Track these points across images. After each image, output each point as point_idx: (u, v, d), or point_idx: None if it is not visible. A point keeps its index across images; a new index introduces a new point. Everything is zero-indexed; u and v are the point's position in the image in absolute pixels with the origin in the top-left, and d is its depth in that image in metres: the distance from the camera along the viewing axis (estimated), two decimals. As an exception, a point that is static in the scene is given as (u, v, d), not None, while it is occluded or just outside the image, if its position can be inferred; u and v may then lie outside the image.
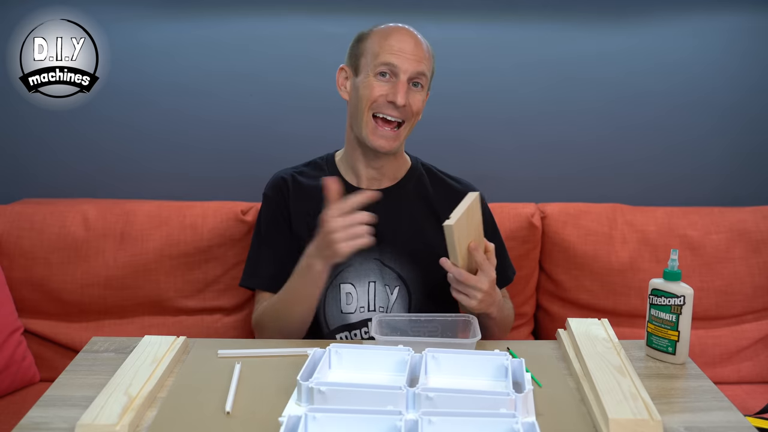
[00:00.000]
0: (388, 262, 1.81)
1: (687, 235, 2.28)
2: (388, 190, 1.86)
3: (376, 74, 1.74)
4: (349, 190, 1.84)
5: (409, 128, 1.79)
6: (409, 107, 1.74)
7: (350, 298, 1.82)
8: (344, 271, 1.81)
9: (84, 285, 2.20)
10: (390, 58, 1.73)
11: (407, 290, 1.81)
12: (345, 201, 1.55)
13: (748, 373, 2.28)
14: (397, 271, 1.81)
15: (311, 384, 1.29)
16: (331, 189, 1.57)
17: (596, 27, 2.43)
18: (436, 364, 1.43)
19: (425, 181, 1.90)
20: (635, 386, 1.36)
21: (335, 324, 1.83)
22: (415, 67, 1.73)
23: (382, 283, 1.82)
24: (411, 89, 1.75)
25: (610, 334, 1.61)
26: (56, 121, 2.41)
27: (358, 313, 1.82)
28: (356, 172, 1.86)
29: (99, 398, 1.30)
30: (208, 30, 2.40)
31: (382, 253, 1.81)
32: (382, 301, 1.82)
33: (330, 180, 1.59)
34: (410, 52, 1.73)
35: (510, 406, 1.25)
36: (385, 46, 1.74)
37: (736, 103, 2.49)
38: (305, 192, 1.87)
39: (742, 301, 2.29)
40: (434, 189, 1.89)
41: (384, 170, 1.86)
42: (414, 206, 1.86)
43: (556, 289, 2.31)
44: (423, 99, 1.78)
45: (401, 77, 1.73)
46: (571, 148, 2.50)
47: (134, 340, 1.59)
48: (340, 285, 1.82)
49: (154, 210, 2.26)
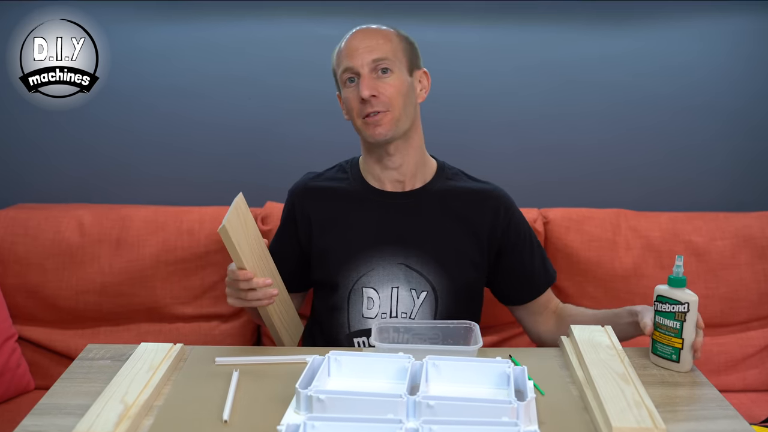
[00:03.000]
0: (415, 266, 1.80)
1: (692, 241, 2.27)
2: (413, 192, 1.85)
3: (345, 83, 1.77)
4: (374, 194, 1.85)
5: (400, 111, 1.76)
6: (381, 95, 1.73)
7: (371, 303, 1.80)
8: (366, 275, 1.80)
9: (79, 291, 2.19)
10: (346, 62, 1.75)
11: (435, 295, 1.79)
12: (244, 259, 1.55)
13: (754, 380, 2.27)
14: (425, 275, 1.79)
15: (310, 392, 1.28)
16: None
17: (599, 30, 2.43)
18: (436, 371, 1.42)
19: (452, 184, 1.88)
20: (639, 394, 1.35)
21: (356, 327, 1.82)
22: (369, 57, 1.73)
23: (407, 287, 1.80)
24: (380, 77, 1.74)
25: (613, 341, 1.60)
26: (51, 124, 2.41)
27: (379, 318, 1.80)
28: (376, 176, 1.85)
29: (94, 406, 1.30)
30: (205, 32, 2.40)
31: (408, 257, 1.80)
32: (405, 307, 1.80)
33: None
34: (362, 46, 1.74)
35: (512, 415, 1.24)
36: (342, 54, 1.77)
37: (741, 107, 2.48)
38: (324, 196, 1.87)
39: (747, 308, 2.27)
40: (462, 192, 1.87)
41: (404, 170, 1.83)
42: (440, 209, 1.84)
43: (558, 295, 2.27)
44: (399, 82, 1.75)
45: (362, 72, 1.73)
46: (573, 152, 2.50)
47: (130, 348, 1.58)
48: (363, 289, 1.80)
49: (151, 215, 2.25)
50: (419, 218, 1.82)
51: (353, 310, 1.81)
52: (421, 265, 1.79)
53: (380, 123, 1.74)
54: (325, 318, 1.86)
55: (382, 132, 1.75)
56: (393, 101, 1.74)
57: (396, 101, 1.74)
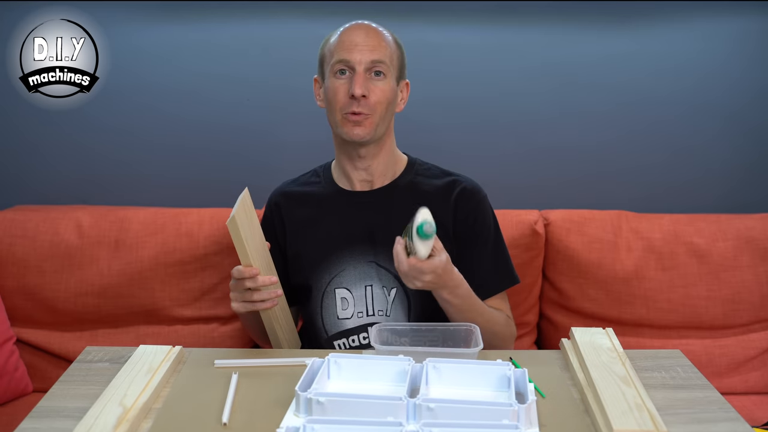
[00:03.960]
0: (384, 263, 1.79)
1: (693, 243, 2.26)
2: (380, 190, 1.85)
3: (336, 73, 1.76)
4: (343, 195, 1.85)
5: (380, 117, 1.76)
6: (371, 97, 1.73)
7: (346, 304, 1.80)
8: (338, 276, 1.80)
9: (78, 293, 2.18)
10: (343, 54, 1.74)
11: (405, 291, 1.78)
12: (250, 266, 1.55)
13: (756, 383, 2.26)
14: (393, 271, 1.77)
15: (310, 394, 1.28)
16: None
17: (601, 31, 2.42)
18: (437, 374, 1.42)
19: (421, 179, 1.87)
20: (640, 397, 1.35)
21: (333, 330, 1.81)
22: (369, 56, 1.73)
23: (379, 285, 1.79)
24: (372, 79, 1.74)
25: (614, 343, 1.59)
26: (49, 126, 2.41)
27: (356, 318, 1.80)
28: (347, 175, 1.86)
29: (93, 409, 1.30)
30: (205, 33, 2.39)
31: (377, 255, 1.79)
32: (380, 305, 1.79)
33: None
34: (363, 43, 1.74)
35: (512, 417, 1.24)
36: (339, 44, 1.76)
37: (743, 107, 2.47)
38: (297, 200, 1.88)
39: (749, 310, 2.26)
40: (431, 186, 1.86)
41: (372, 170, 1.83)
42: (408, 204, 1.81)
43: (559, 297, 2.29)
44: (388, 88, 1.76)
45: (357, 69, 1.73)
46: (574, 154, 2.49)
47: (129, 350, 1.58)
48: (335, 290, 1.80)
49: (150, 217, 2.24)
50: (387, 215, 1.80)
51: (327, 313, 1.81)
52: (389, 262, 1.75)
53: (361, 124, 1.74)
54: (307, 325, 1.88)
55: (360, 134, 1.74)
56: (378, 107, 1.74)
57: (380, 107, 1.74)
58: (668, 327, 2.25)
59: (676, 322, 2.24)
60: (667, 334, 2.25)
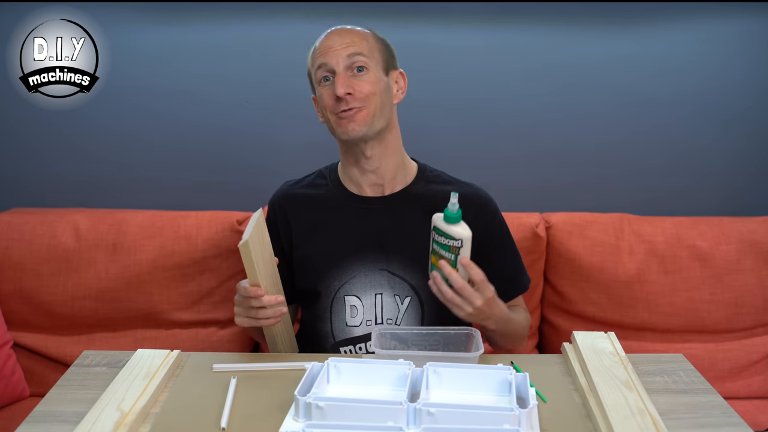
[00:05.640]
0: (397, 271, 1.78)
1: (696, 246, 2.26)
2: (392, 196, 1.83)
3: (320, 82, 1.76)
4: (353, 199, 1.83)
5: (376, 108, 1.74)
6: (357, 93, 1.71)
7: (355, 311, 1.79)
8: (348, 283, 1.79)
9: (75, 297, 2.18)
10: (320, 60, 1.74)
11: (419, 300, 1.77)
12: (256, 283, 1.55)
13: (759, 387, 2.26)
14: (408, 280, 1.77)
15: (309, 399, 1.27)
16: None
17: (602, 33, 2.42)
18: (437, 378, 1.41)
19: (433, 187, 1.86)
20: (643, 401, 1.35)
21: (341, 337, 1.80)
22: (344, 52, 1.72)
23: (391, 293, 1.78)
24: (355, 75, 1.73)
25: (616, 347, 1.59)
26: (48, 127, 2.41)
27: (364, 326, 1.78)
28: (356, 181, 1.83)
29: (90, 414, 1.30)
30: (205, 34, 2.39)
31: (390, 263, 1.78)
32: (390, 313, 1.78)
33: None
34: (337, 44, 1.74)
35: (514, 422, 1.23)
36: (316, 52, 1.76)
37: (745, 110, 2.47)
38: (304, 203, 1.86)
39: (752, 314, 2.26)
40: (443, 194, 1.85)
41: (382, 173, 1.81)
42: (421, 212, 1.81)
43: (561, 301, 2.29)
44: (375, 80, 1.74)
45: (338, 70, 1.72)
46: (576, 156, 2.49)
47: (127, 354, 1.58)
48: (345, 297, 1.79)
49: (148, 220, 2.24)
50: (400, 223, 1.80)
51: (336, 319, 1.79)
52: (403, 270, 1.77)
53: (354, 119, 1.72)
54: (310, 327, 1.86)
55: (356, 128, 1.72)
56: (369, 98, 1.72)
57: (372, 98, 1.72)
58: (671, 331, 2.25)
59: (679, 325, 2.24)
60: (670, 338, 2.25)
